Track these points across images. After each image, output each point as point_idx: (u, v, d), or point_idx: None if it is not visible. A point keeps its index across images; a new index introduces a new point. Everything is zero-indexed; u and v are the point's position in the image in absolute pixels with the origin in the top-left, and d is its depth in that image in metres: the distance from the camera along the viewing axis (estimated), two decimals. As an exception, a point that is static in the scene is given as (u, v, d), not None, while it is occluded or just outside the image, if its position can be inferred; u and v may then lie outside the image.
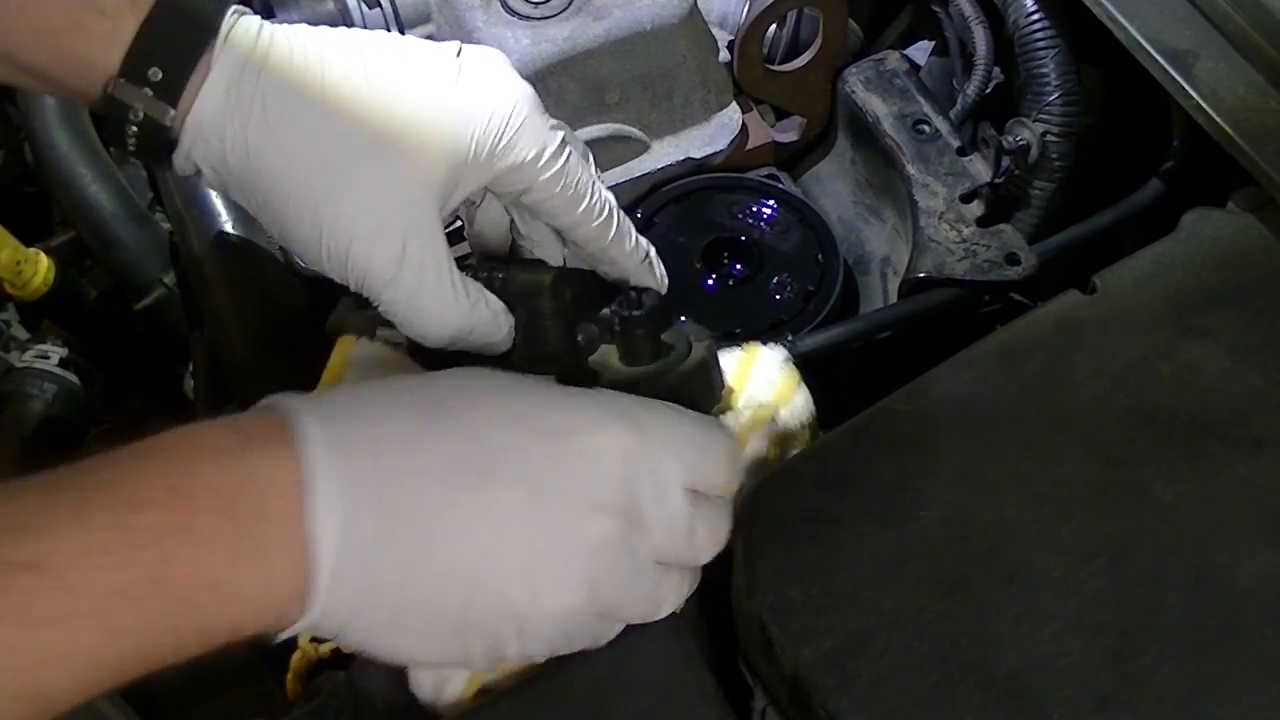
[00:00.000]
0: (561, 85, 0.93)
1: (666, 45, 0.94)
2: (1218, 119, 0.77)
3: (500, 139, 0.67)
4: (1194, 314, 0.74)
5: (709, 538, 0.63)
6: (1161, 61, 0.80)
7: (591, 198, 0.71)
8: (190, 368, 0.86)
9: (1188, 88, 0.79)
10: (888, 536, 0.66)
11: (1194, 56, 0.80)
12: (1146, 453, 0.68)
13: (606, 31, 0.92)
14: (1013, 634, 0.63)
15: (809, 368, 0.79)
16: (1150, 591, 0.63)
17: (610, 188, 0.96)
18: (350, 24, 0.93)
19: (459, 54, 0.68)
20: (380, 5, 0.94)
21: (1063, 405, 0.71)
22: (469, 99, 0.67)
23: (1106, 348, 0.73)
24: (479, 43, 0.91)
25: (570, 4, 0.93)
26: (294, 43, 0.66)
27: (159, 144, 0.65)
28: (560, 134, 0.70)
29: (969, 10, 0.95)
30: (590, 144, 0.96)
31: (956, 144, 0.96)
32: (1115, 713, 0.60)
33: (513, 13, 0.92)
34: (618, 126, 0.97)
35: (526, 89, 0.69)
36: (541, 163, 0.68)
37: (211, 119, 0.64)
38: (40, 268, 1.09)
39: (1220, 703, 0.60)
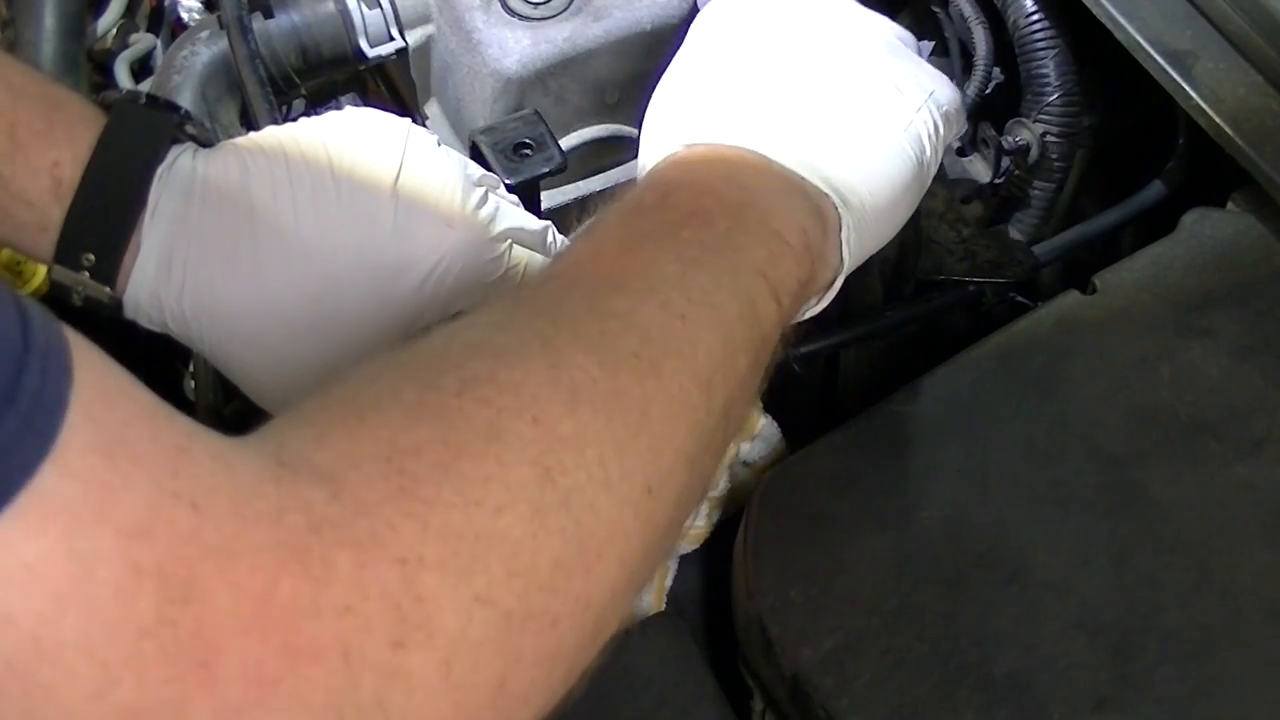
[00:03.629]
0: (561, 85, 0.93)
1: (666, 45, 0.94)
2: (1218, 120, 0.77)
3: (440, 287, 0.66)
4: (1194, 314, 0.74)
5: None
6: (1161, 62, 0.80)
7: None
8: (190, 368, 0.86)
9: (1188, 88, 0.79)
10: (888, 536, 0.66)
11: (1194, 57, 0.80)
12: (1146, 453, 0.68)
13: (606, 31, 0.92)
14: (1013, 634, 0.63)
15: (809, 369, 0.79)
16: (1150, 591, 0.63)
17: (610, 188, 0.97)
18: (350, 25, 0.93)
19: (397, 179, 0.66)
20: (380, 5, 0.94)
21: (1063, 405, 0.71)
22: (407, 247, 0.66)
23: (1106, 348, 0.73)
24: (479, 43, 0.91)
25: (570, 4, 0.93)
26: (223, 195, 0.65)
27: (106, 310, 0.66)
28: (500, 249, 0.69)
29: (969, 10, 0.95)
30: (590, 144, 0.96)
31: (956, 144, 0.95)
32: (1115, 713, 0.60)
33: (513, 13, 0.92)
34: (618, 126, 0.97)
35: (461, 217, 0.67)
36: (482, 295, 0.68)
37: (148, 296, 0.65)
38: (40, 267, 1.09)
39: (1220, 703, 0.60)
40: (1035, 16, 0.90)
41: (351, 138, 0.67)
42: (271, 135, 0.67)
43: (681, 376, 0.51)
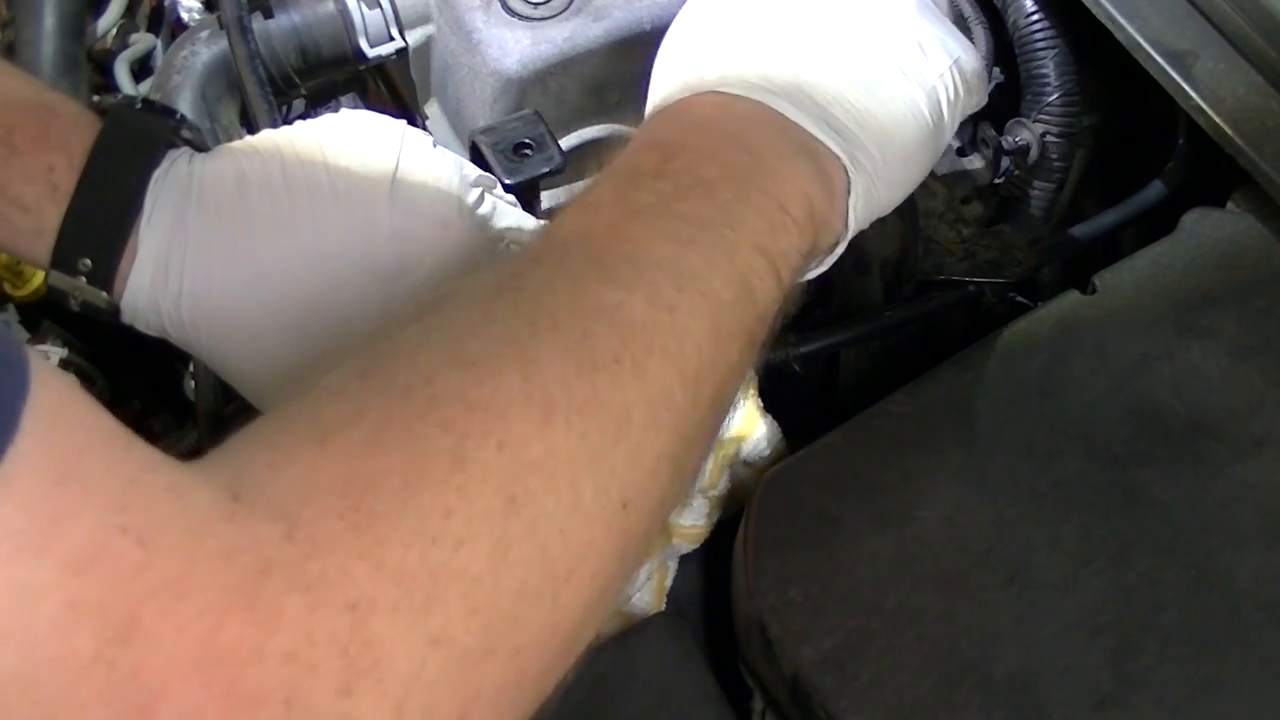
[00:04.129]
0: (561, 85, 0.93)
1: (666, 45, 0.94)
2: (1218, 120, 0.77)
3: (439, 288, 0.63)
4: (1194, 314, 0.74)
5: None
6: (1161, 62, 0.80)
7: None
8: (190, 368, 0.86)
9: (1187, 88, 0.79)
10: (888, 536, 0.66)
11: (1194, 57, 0.80)
12: (1146, 453, 0.68)
13: (606, 31, 0.92)
14: (1013, 634, 0.63)
15: (809, 369, 0.79)
16: (1150, 591, 0.63)
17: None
18: (350, 25, 0.93)
19: (393, 181, 0.66)
20: (380, 6, 0.94)
21: (1063, 405, 0.71)
22: (404, 249, 0.65)
23: (1106, 348, 0.73)
24: (479, 43, 0.91)
25: (570, 4, 0.93)
26: (220, 200, 0.65)
27: (103, 316, 0.66)
28: (498, 250, 0.68)
29: (969, 10, 0.95)
30: (590, 144, 0.96)
31: (956, 144, 0.95)
32: (1115, 713, 0.60)
33: (513, 13, 0.92)
34: (618, 126, 0.97)
35: (459, 218, 0.66)
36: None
37: (145, 300, 0.64)
38: (38, 270, 1.09)
39: (1220, 703, 0.60)
40: (1035, 16, 0.90)
41: (347, 140, 0.67)
42: (267, 139, 0.67)
43: (666, 376, 0.50)
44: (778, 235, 0.56)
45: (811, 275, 0.63)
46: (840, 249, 0.62)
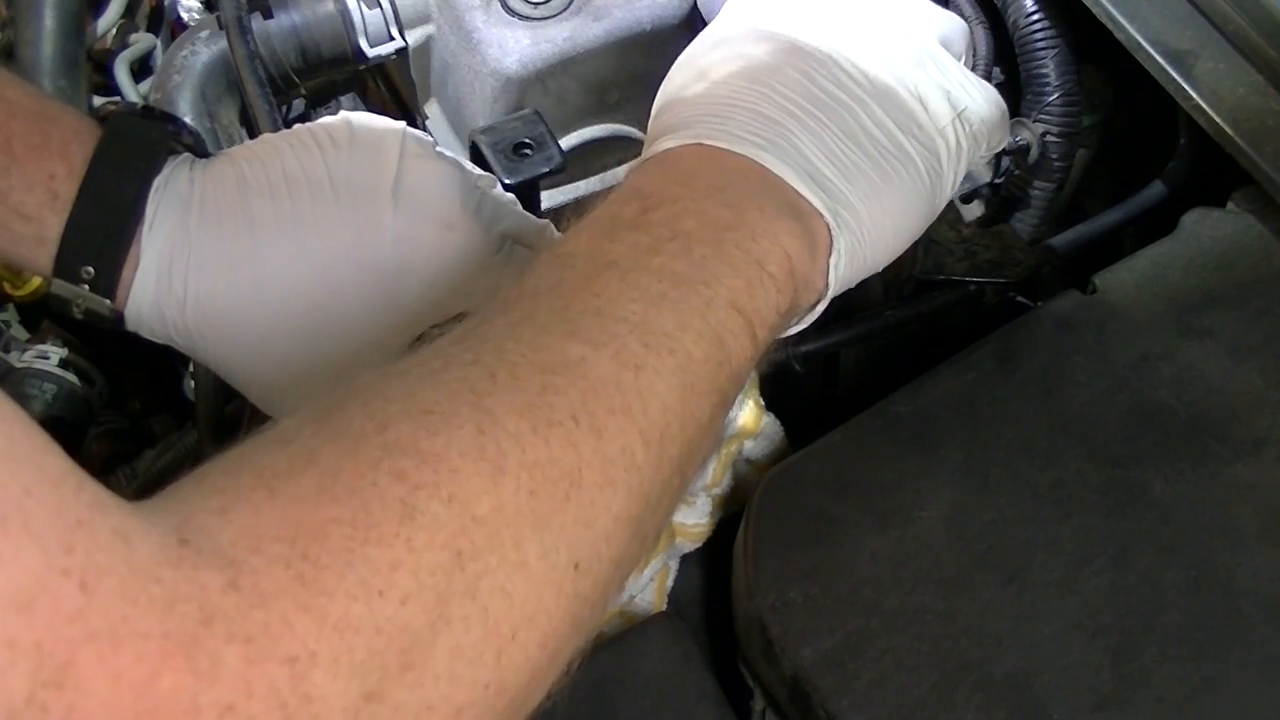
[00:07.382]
0: (561, 85, 0.93)
1: (666, 45, 0.94)
2: (1218, 119, 0.77)
3: (442, 289, 0.65)
4: (1194, 314, 0.74)
5: None
6: (1161, 62, 0.80)
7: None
8: (190, 368, 0.86)
9: (1188, 88, 0.79)
10: (888, 536, 0.66)
11: (1194, 57, 0.80)
12: (1146, 453, 0.68)
13: (606, 31, 0.92)
14: (1013, 634, 0.63)
15: (809, 369, 0.79)
16: (1150, 591, 0.63)
17: (610, 188, 0.97)
18: (350, 25, 0.93)
19: (395, 183, 0.65)
20: (380, 5, 0.94)
21: (1063, 405, 0.71)
22: (407, 250, 0.65)
23: (1106, 348, 0.73)
24: (479, 43, 0.92)
25: (570, 4, 0.93)
26: (221, 206, 0.64)
27: (107, 324, 0.66)
28: (500, 250, 0.67)
29: (969, 10, 0.95)
30: (590, 144, 0.96)
31: (956, 144, 0.95)
32: (1115, 713, 0.60)
33: (513, 13, 0.92)
34: (618, 126, 0.97)
35: (461, 219, 0.66)
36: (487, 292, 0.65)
37: (149, 308, 0.65)
38: (39, 269, 1.09)
39: (1220, 703, 0.60)
40: (1035, 16, 0.90)
41: (348, 143, 0.67)
42: (267, 143, 0.67)
43: (626, 436, 0.49)
44: (755, 293, 0.55)
45: (791, 332, 0.61)
46: (821, 307, 0.60)
